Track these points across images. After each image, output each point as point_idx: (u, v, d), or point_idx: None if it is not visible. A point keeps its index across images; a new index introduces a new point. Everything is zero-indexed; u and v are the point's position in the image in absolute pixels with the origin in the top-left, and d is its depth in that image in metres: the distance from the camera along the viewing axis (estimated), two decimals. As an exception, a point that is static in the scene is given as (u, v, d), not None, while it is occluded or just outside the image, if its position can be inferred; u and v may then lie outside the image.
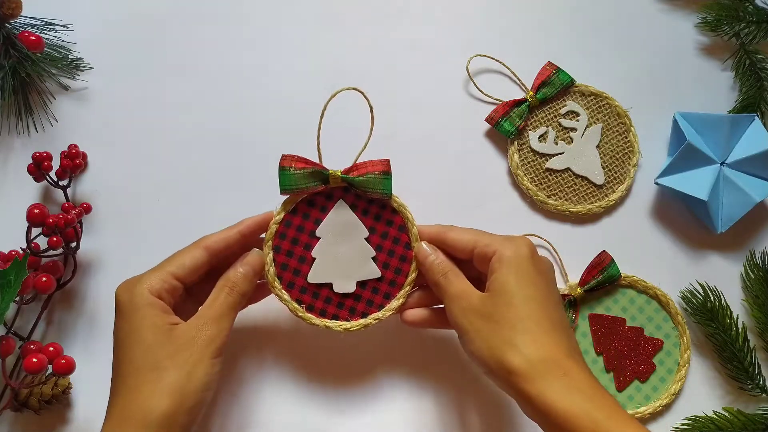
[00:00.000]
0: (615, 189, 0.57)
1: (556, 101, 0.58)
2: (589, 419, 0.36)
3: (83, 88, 0.57)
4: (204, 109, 0.57)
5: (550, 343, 0.39)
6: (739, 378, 0.53)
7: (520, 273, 0.42)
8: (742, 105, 0.60)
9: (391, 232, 0.47)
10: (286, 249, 0.46)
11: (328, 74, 0.58)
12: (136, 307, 0.40)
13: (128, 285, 0.41)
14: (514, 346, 0.39)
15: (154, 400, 0.37)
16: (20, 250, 0.49)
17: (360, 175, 0.46)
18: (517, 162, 0.56)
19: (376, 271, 0.47)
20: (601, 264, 0.53)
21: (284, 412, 0.50)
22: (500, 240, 0.44)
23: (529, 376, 0.38)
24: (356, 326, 0.46)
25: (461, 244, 0.45)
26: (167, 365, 0.39)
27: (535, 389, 0.38)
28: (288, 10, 0.60)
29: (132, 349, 0.39)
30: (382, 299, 0.47)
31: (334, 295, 0.46)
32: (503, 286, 0.41)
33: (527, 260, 0.42)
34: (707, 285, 0.54)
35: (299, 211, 0.47)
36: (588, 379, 0.39)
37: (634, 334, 0.53)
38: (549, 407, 0.37)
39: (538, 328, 0.40)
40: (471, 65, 0.58)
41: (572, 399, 0.37)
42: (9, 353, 0.46)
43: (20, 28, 0.54)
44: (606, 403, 0.37)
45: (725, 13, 0.61)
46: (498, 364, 0.39)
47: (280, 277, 0.46)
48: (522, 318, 0.40)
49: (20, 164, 0.53)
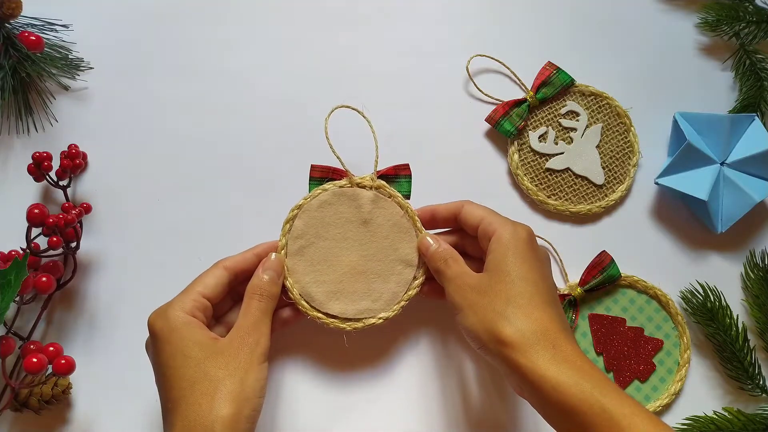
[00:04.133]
0: (615, 189, 0.57)
1: (556, 101, 0.58)
2: (578, 388, 0.37)
3: (83, 88, 0.57)
4: (204, 109, 0.57)
5: (542, 317, 0.40)
6: (739, 378, 0.53)
7: (517, 253, 0.43)
8: (742, 105, 0.60)
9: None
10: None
11: (329, 74, 0.58)
12: (175, 328, 0.41)
13: (160, 312, 0.42)
14: (506, 318, 0.40)
15: (215, 410, 0.38)
16: (20, 250, 0.49)
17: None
18: (517, 162, 0.56)
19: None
20: (601, 264, 0.53)
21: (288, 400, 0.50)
22: (502, 221, 0.45)
23: (520, 347, 0.39)
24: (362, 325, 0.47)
25: (471, 218, 0.47)
26: (221, 375, 0.39)
27: (525, 359, 0.38)
28: (288, 10, 0.60)
29: (182, 366, 0.40)
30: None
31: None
32: (499, 264, 0.43)
33: (524, 243, 0.44)
34: (707, 285, 0.54)
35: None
36: (576, 351, 0.39)
37: (634, 334, 0.53)
38: (538, 377, 0.38)
39: (530, 304, 0.41)
40: (471, 65, 0.58)
41: (560, 369, 0.38)
42: (9, 353, 0.46)
43: (20, 28, 0.54)
44: (594, 374, 0.38)
45: (725, 13, 0.61)
46: (490, 335, 0.40)
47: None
48: (515, 294, 0.41)
49: (20, 164, 0.53)
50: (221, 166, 0.55)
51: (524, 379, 0.39)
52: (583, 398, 0.37)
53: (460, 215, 0.48)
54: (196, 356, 0.40)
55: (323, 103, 0.49)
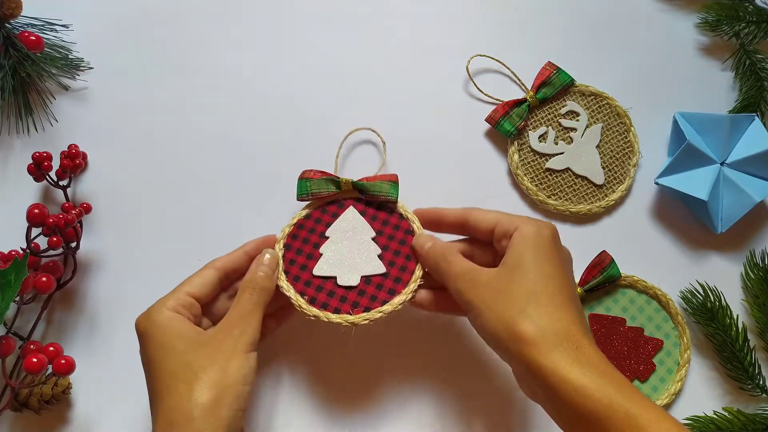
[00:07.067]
0: (615, 189, 0.57)
1: (556, 101, 0.58)
2: (602, 392, 0.35)
3: (83, 88, 0.57)
4: (204, 109, 0.57)
5: (564, 317, 0.39)
6: (739, 378, 0.53)
7: (539, 250, 0.41)
8: (742, 105, 0.60)
9: (398, 235, 0.49)
10: (296, 247, 0.48)
11: (329, 74, 0.58)
12: (159, 325, 0.41)
13: (145, 314, 0.42)
14: (527, 315, 0.38)
15: (194, 397, 0.38)
16: (20, 250, 0.49)
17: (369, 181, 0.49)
18: (517, 162, 0.56)
19: (381, 267, 0.47)
20: (601, 264, 0.53)
21: (282, 416, 0.50)
22: (524, 218, 0.44)
23: (542, 345, 0.37)
24: (359, 319, 0.46)
25: (484, 223, 0.45)
26: (203, 364, 0.39)
27: (547, 360, 0.37)
28: (288, 10, 0.60)
29: (165, 360, 0.40)
30: (386, 295, 0.47)
31: (338, 289, 0.47)
32: (520, 259, 0.41)
33: (548, 239, 0.42)
34: (707, 285, 0.54)
35: (312, 216, 0.49)
36: (599, 354, 0.38)
37: (634, 334, 0.53)
38: (560, 379, 0.36)
39: (552, 303, 0.39)
40: (471, 65, 0.58)
41: (583, 371, 0.36)
42: (9, 353, 0.46)
43: (20, 28, 0.54)
44: (617, 378, 0.37)
45: (725, 13, 0.61)
46: (509, 332, 0.38)
47: (287, 272, 0.47)
48: (536, 291, 0.40)
49: (20, 164, 0.53)
50: (221, 166, 0.55)
51: (543, 381, 0.37)
52: (607, 403, 0.35)
53: (468, 222, 0.46)
54: (178, 348, 0.40)
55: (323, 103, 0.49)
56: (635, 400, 0.35)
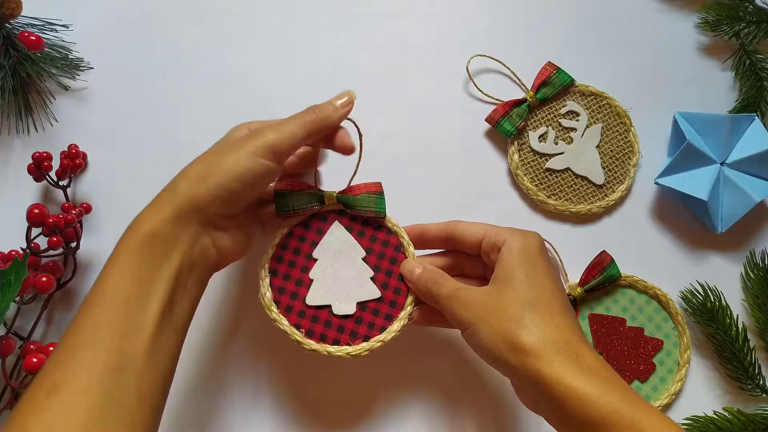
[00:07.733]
0: (615, 189, 0.57)
1: (556, 101, 0.58)
2: (606, 400, 0.35)
3: (83, 88, 0.57)
4: (204, 109, 0.57)
5: (561, 324, 0.39)
6: (739, 378, 0.53)
7: (529, 262, 0.42)
8: (742, 105, 0.60)
9: (388, 252, 0.47)
10: (283, 272, 0.46)
11: (329, 74, 0.58)
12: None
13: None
14: (525, 325, 0.38)
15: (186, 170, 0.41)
16: (20, 250, 0.49)
17: (354, 195, 0.46)
18: (517, 162, 0.56)
19: (376, 291, 0.46)
20: (601, 264, 0.53)
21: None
22: (510, 231, 0.44)
23: (543, 355, 0.37)
24: (360, 350, 0.44)
25: (471, 236, 0.45)
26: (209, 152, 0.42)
27: (550, 369, 0.36)
28: (288, 10, 0.60)
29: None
30: (383, 321, 0.45)
31: (334, 318, 0.45)
32: (511, 273, 0.41)
33: (536, 250, 0.42)
34: (707, 285, 0.54)
35: (295, 234, 0.46)
36: (600, 361, 0.38)
37: (634, 334, 0.53)
38: (563, 388, 0.36)
39: (548, 311, 0.39)
40: (471, 65, 0.58)
41: (586, 379, 0.36)
42: (9, 353, 0.46)
43: (20, 28, 0.54)
44: (621, 385, 0.37)
45: (725, 13, 0.61)
46: (508, 344, 0.38)
47: (277, 302, 0.45)
48: (531, 301, 0.40)
49: (20, 164, 0.53)
50: (221, 166, 0.55)
51: (547, 391, 0.36)
52: (611, 410, 0.35)
53: (454, 235, 0.46)
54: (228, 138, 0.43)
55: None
56: (640, 408, 0.35)
